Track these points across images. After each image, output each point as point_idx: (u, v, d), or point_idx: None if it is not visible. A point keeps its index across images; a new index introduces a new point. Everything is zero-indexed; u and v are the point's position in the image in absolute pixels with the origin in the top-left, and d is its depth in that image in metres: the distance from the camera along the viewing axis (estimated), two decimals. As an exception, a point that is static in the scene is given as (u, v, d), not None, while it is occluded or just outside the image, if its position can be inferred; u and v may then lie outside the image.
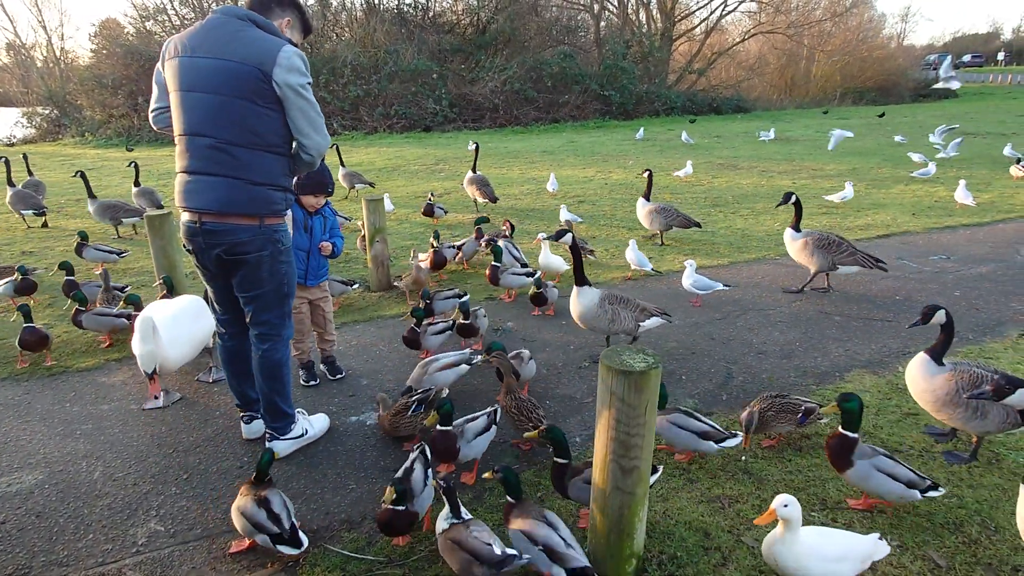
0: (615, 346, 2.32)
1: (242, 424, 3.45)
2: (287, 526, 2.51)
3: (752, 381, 4.08)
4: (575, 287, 4.16)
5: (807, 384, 4.03)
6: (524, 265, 5.70)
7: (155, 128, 3.01)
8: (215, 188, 2.75)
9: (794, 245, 5.59)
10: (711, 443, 3.04)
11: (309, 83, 2.76)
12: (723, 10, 31.33)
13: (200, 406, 3.82)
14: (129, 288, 5.49)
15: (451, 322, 4.34)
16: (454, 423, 3.02)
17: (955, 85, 12.66)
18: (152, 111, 2.96)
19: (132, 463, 3.26)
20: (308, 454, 3.32)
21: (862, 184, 10.79)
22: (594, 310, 4.09)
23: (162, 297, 4.37)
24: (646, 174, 7.48)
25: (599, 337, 4.59)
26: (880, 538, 2.36)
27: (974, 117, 22.76)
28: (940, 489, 2.69)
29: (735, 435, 3.09)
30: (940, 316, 3.25)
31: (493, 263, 5.36)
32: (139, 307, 4.54)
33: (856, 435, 2.72)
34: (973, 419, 3.02)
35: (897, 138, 16.18)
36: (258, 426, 3.41)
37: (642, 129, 18.48)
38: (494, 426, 3.18)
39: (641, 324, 4.16)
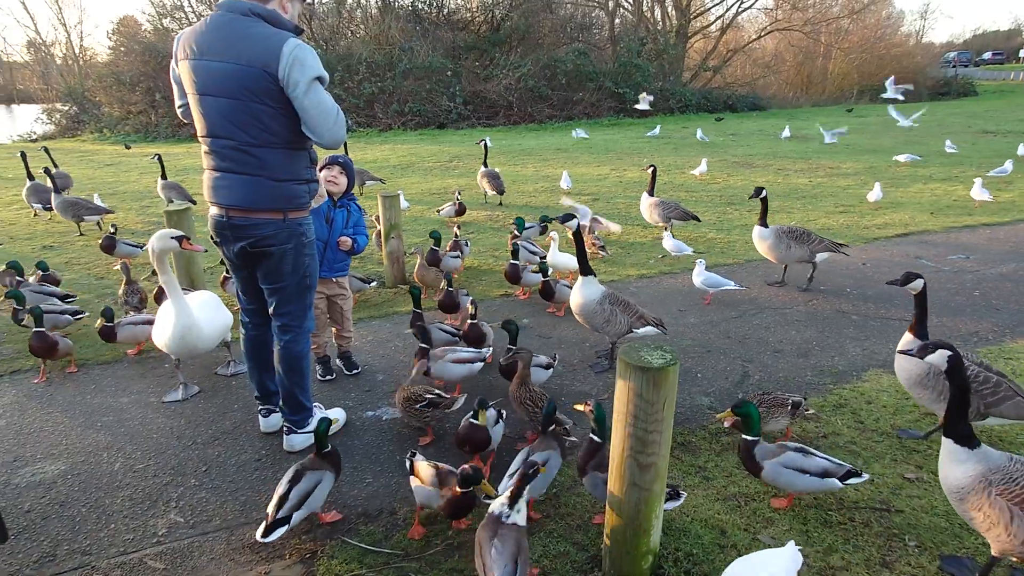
0: (633, 342, 2.31)
1: (260, 417, 3.48)
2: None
3: (769, 380, 4.06)
4: (580, 277, 4.10)
5: (824, 383, 4.00)
6: (543, 258, 5.72)
7: (185, 120, 3.04)
8: (241, 185, 2.80)
9: (766, 242, 5.51)
10: (835, 481, 2.67)
11: (317, 77, 2.68)
12: (739, 7, 31.18)
13: (219, 399, 3.87)
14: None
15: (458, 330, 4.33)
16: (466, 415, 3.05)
17: (900, 98, 12.99)
18: (178, 107, 3.00)
19: (152, 455, 3.30)
20: (325, 448, 3.35)
21: (880, 183, 10.67)
22: (593, 305, 4.04)
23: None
24: (650, 169, 7.53)
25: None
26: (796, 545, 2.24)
27: (994, 115, 22.44)
28: (863, 476, 2.70)
29: (860, 474, 2.70)
30: (917, 284, 3.33)
31: (512, 261, 5.36)
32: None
33: (756, 438, 2.74)
34: (938, 402, 3.08)
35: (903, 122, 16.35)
36: (275, 420, 3.45)
37: (659, 126, 18.40)
38: (501, 421, 3.18)
39: (635, 331, 4.07)
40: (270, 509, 2.52)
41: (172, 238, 3.36)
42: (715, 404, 3.74)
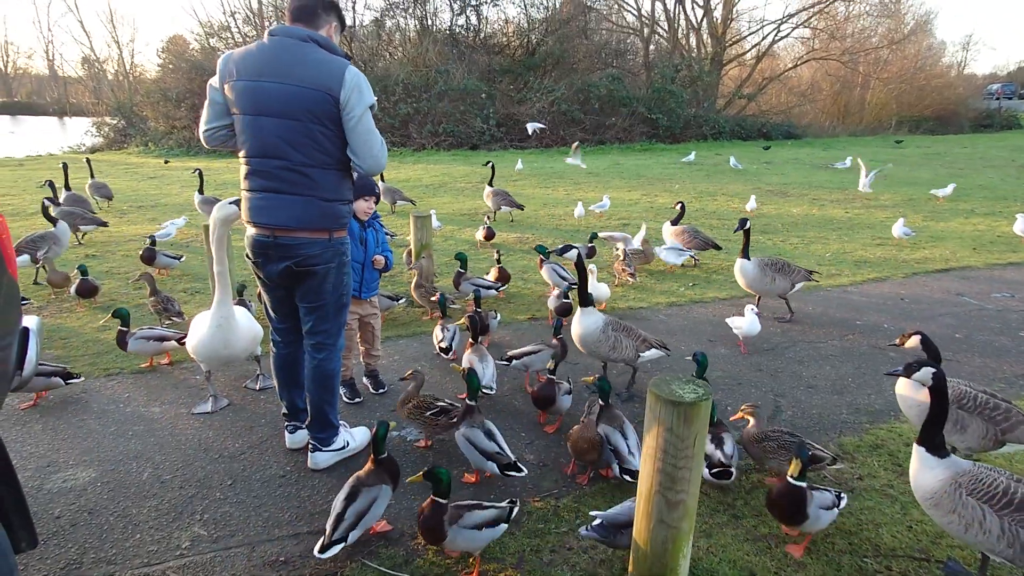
0: (665, 375, 2.27)
1: (286, 433, 3.50)
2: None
3: (802, 416, 3.95)
4: (578, 308, 4.07)
5: (860, 422, 3.88)
6: (572, 284, 5.68)
7: (207, 145, 3.04)
8: (290, 206, 2.84)
9: (750, 274, 5.39)
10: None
11: (371, 105, 2.81)
12: (775, 36, 31.00)
13: (247, 413, 3.90)
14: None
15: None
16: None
17: (867, 190, 11.91)
18: (206, 129, 2.96)
19: (179, 466, 3.34)
20: (349, 467, 3.33)
21: (919, 216, 10.45)
22: (596, 334, 3.99)
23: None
24: (678, 207, 7.76)
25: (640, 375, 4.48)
26: None
27: (1040, 149, 21.85)
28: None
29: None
30: (913, 340, 3.37)
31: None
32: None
33: (804, 484, 2.63)
34: (953, 433, 3.03)
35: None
36: (301, 436, 3.46)
37: (693, 153, 18.30)
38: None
39: (641, 355, 4.04)
40: (328, 527, 2.55)
41: (231, 203, 3.22)
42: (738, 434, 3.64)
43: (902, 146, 23.41)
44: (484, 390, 3.84)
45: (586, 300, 4.06)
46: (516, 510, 2.68)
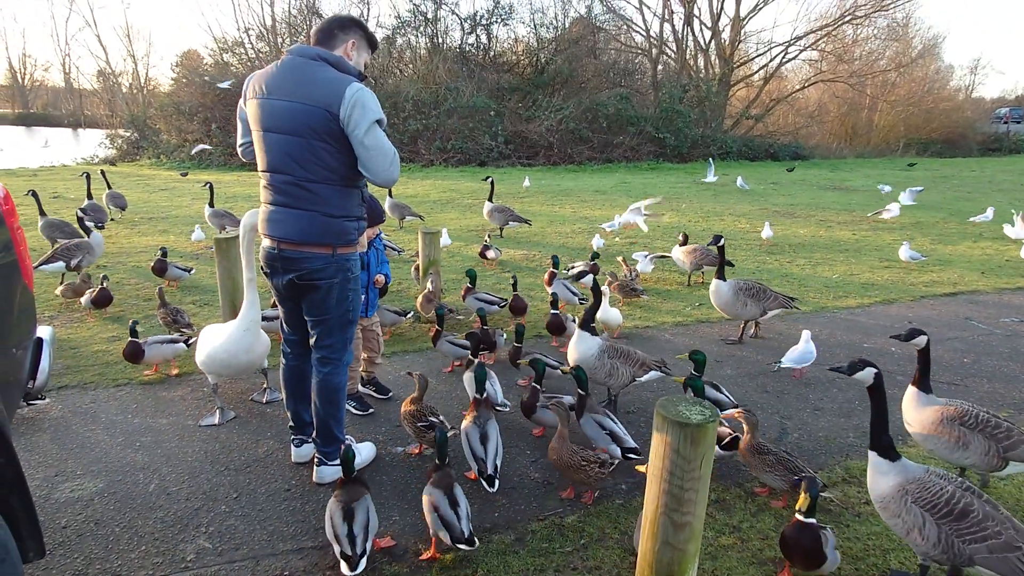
0: (671, 396, 2.28)
1: (292, 447, 3.51)
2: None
3: (808, 439, 3.93)
4: (577, 329, 4.08)
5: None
6: (582, 300, 5.72)
7: (243, 159, 3.19)
8: (295, 220, 2.91)
9: (727, 296, 5.34)
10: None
11: (377, 120, 2.80)
12: (783, 58, 31.19)
13: (253, 426, 3.92)
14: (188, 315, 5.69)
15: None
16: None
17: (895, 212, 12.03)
18: (239, 145, 3.17)
19: (186, 478, 3.35)
20: (354, 482, 3.35)
21: (926, 239, 10.43)
22: (592, 360, 3.96)
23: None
24: (681, 236, 7.55)
25: (639, 384, 4.47)
26: None
27: (1049, 174, 21.81)
28: None
29: None
30: (921, 340, 3.26)
31: (552, 311, 5.19)
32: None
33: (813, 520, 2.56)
34: (956, 450, 3.08)
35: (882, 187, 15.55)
36: (307, 450, 3.48)
37: (712, 168, 17.86)
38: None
39: (638, 378, 4.03)
40: (346, 549, 2.52)
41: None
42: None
43: (914, 169, 23.39)
44: (498, 408, 3.88)
45: (587, 324, 4.07)
46: None
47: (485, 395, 3.46)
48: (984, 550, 2.36)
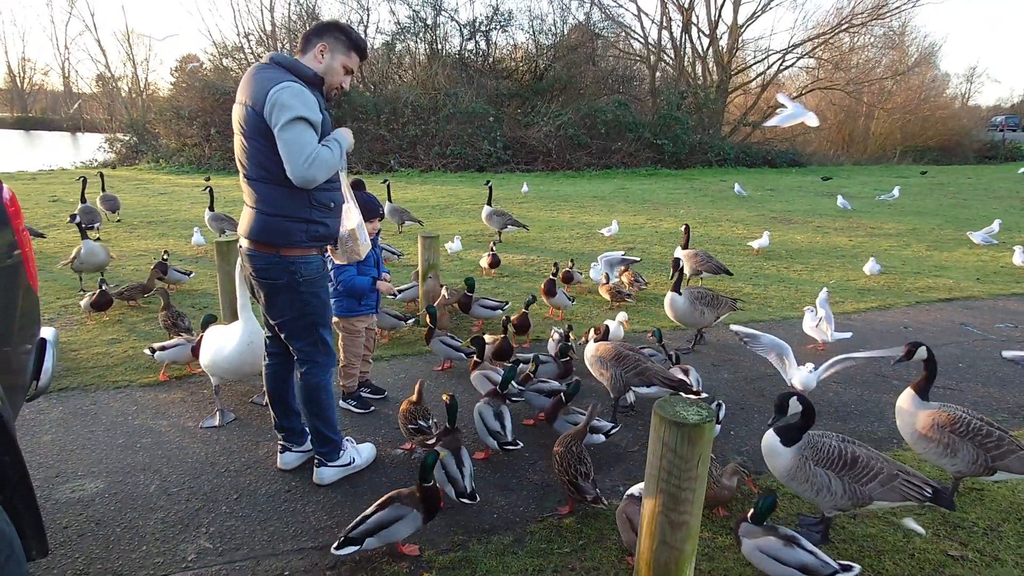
0: (668, 396, 2.31)
1: (278, 453, 3.51)
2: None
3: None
4: (669, 293, 4.70)
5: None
6: (572, 300, 5.95)
7: None
8: (246, 217, 3.03)
9: (684, 307, 5.31)
10: None
11: (298, 117, 2.73)
12: (780, 65, 31.37)
13: (253, 428, 3.94)
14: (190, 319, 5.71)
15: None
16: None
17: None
18: None
19: (186, 479, 3.37)
20: (353, 483, 3.37)
21: (922, 245, 10.50)
22: (684, 307, 5.13)
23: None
24: (683, 228, 7.74)
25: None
26: None
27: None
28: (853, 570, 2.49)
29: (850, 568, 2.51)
30: (922, 352, 3.32)
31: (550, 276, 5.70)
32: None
33: (747, 521, 2.67)
34: (944, 456, 3.14)
35: (840, 202, 14.32)
36: (290, 458, 3.47)
37: (737, 184, 16.74)
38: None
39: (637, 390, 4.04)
40: (350, 525, 2.68)
41: None
42: (748, 463, 3.66)
43: (906, 175, 23.46)
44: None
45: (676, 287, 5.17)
46: None
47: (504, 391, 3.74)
48: (877, 486, 2.74)
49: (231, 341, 3.68)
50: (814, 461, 2.80)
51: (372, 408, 4.16)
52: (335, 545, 2.63)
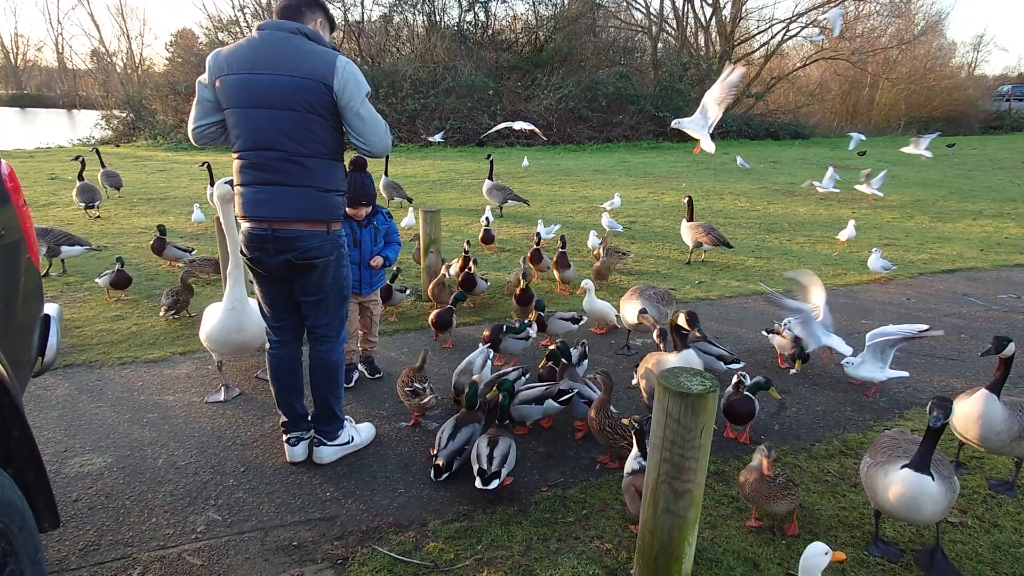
0: (673, 367, 2.32)
1: (287, 447, 3.31)
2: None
3: (806, 412, 3.99)
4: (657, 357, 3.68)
5: (864, 419, 3.91)
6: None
7: (196, 143, 3.03)
8: (288, 197, 2.85)
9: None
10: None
11: (368, 93, 2.88)
12: (784, 35, 30.88)
13: (258, 402, 3.97)
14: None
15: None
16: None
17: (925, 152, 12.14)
18: (195, 127, 2.95)
19: (194, 453, 3.40)
20: (359, 455, 3.40)
21: (926, 216, 10.45)
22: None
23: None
24: (686, 200, 7.64)
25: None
26: None
27: (1050, 151, 21.72)
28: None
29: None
30: (1010, 348, 3.07)
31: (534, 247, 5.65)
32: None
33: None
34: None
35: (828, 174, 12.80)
36: (302, 450, 3.33)
37: (739, 157, 16.46)
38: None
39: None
40: (483, 465, 2.93)
41: (226, 182, 3.25)
42: (751, 435, 3.69)
43: (952, 149, 22.32)
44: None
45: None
46: None
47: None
48: None
49: (217, 310, 3.71)
50: (1018, 410, 2.93)
51: (380, 375, 4.29)
52: (480, 482, 2.87)
